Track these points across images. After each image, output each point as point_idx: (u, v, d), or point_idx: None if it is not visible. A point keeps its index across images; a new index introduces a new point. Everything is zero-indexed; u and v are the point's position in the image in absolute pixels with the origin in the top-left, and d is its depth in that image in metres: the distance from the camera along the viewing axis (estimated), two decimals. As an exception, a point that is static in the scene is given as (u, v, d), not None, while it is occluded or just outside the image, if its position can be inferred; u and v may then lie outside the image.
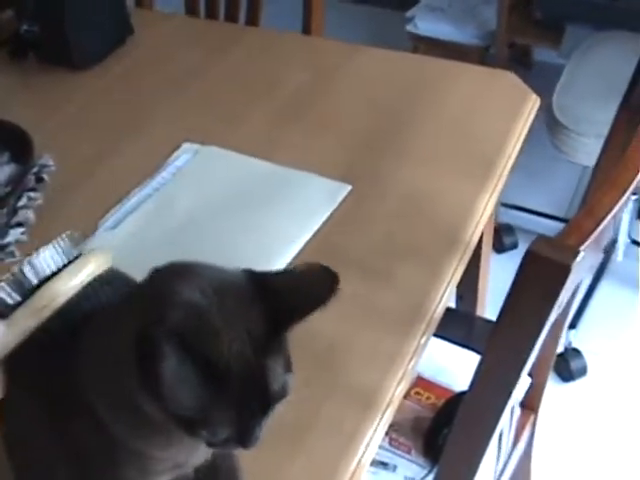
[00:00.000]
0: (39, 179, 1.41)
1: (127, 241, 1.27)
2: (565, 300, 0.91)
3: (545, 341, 1.30)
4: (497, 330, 0.85)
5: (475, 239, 1.26)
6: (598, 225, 0.80)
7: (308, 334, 0.73)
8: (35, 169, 1.42)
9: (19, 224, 1.33)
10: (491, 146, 1.40)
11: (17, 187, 1.36)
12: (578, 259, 0.74)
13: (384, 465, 1.33)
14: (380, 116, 1.50)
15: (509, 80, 1.57)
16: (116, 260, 0.84)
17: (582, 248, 0.76)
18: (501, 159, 1.37)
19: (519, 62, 3.12)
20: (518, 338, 0.84)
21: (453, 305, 1.71)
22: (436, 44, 2.96)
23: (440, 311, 1.15)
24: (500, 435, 1.30)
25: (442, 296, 1.16)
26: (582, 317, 2.25)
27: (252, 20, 1.86)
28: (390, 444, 1.34)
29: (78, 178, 1.42)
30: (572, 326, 2.19)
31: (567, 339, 2.19)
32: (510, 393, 0.89)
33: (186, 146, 1.45)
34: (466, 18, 2.95)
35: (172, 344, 0.62)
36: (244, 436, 0.69)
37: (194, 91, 1.61)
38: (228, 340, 0.65)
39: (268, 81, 1.61)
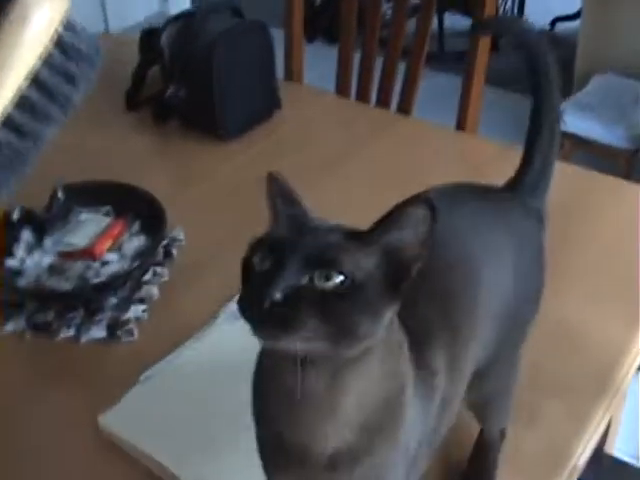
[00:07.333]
0: (167, 253, 1.35)
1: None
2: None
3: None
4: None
5: (626, 385, 1.14)
6: None
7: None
8: (165, 242, 1.36)
9: (141, 300, 1.27)
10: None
11: (146, 261, 1.31)
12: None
13: None
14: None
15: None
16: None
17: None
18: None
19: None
20: None
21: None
22: (583, 142, 2.84)
23: (583, 461, 1.04)
24: None
25: (586, 445, 1.05)
26: None
27: (404, 108, 1.77)
28: None
29: (206, 258, 1.35)
30: None
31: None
32: None
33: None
34: (616, 118, 2.81)
35: None
36: None
37: (334, 176, 1.55)
38: None
39: (413, 175, 1.53)
